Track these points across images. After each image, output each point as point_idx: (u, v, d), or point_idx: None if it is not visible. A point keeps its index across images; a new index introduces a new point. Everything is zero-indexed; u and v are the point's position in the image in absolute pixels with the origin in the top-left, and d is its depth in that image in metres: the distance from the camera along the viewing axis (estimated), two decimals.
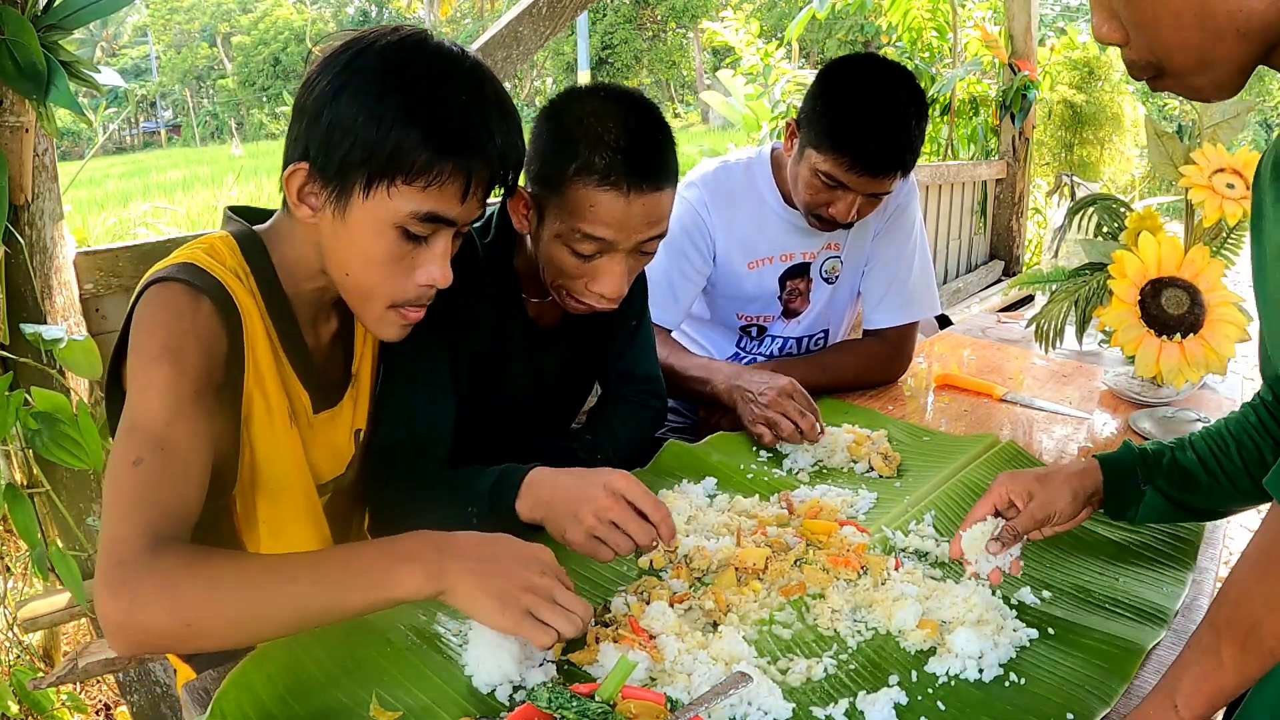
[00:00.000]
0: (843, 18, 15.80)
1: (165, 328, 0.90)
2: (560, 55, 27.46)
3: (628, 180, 1.12)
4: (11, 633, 1.87)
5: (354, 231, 0.94)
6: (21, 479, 1.66)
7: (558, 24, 2.36)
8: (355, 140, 0.89)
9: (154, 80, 33.71)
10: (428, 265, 0.97)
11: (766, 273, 1.77)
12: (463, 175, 0.92)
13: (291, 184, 0.94)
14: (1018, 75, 5.04)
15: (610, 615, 0.99)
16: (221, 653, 1.13)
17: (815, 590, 1.05)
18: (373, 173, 0.90)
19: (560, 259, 1.18)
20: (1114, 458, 1.09)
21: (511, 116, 0.97)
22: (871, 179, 1.53)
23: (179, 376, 0.88)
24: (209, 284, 0.94)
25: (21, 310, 1.59)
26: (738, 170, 1.77)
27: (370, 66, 0.90)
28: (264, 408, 1.02)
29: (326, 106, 0.90)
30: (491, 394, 1.31)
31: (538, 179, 1.17)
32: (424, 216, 0.93)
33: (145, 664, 1.74)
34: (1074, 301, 1.67)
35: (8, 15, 1.40)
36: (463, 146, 0.91)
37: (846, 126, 1.50)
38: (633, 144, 1.13)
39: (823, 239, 1.77)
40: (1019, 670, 0.92)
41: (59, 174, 1.65)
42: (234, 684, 0.85)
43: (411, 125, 0.89)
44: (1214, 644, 0.78)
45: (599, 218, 1.13)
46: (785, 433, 1.43)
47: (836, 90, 1.55)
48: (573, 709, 0.77)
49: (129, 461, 0.83)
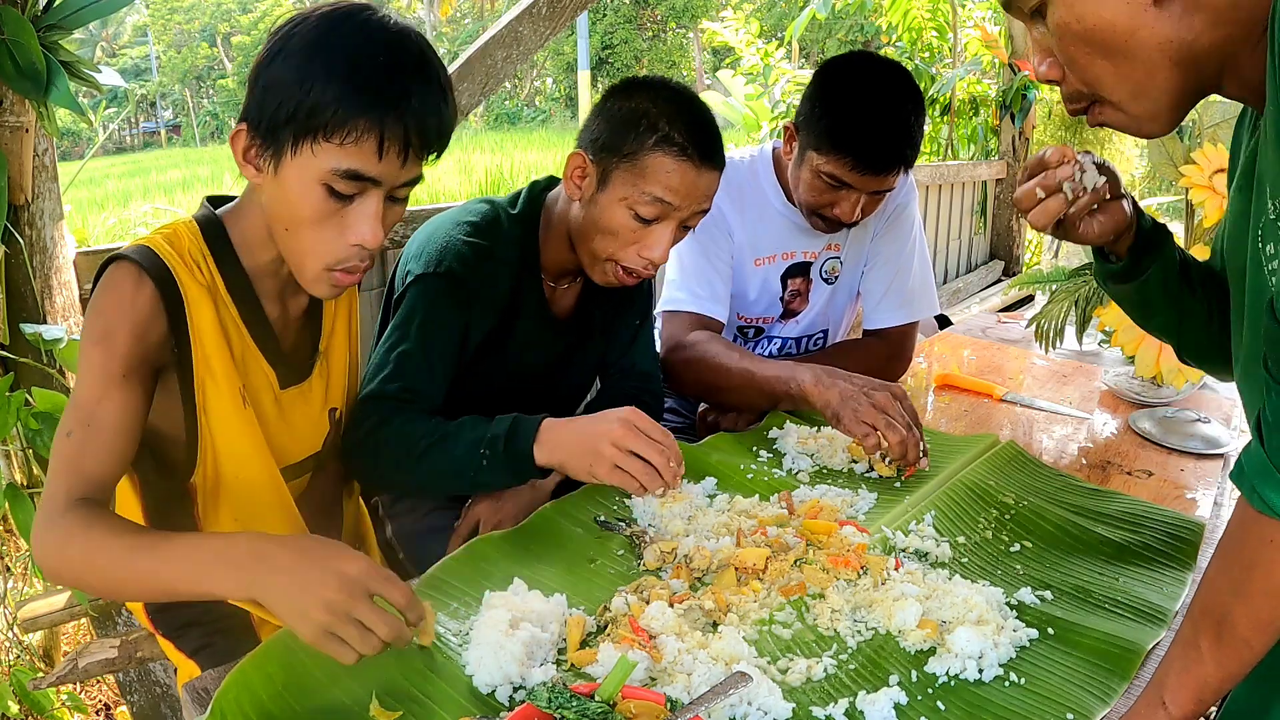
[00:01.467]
0: (843, 18, 15.78)
1: (104, 312, 0.99)
2: (560, 55, 27.44)
3: (700, 155, 1.26)
4: (11, 633, 1.87)
5: (286, 189, 0.98)
6: (21, 479, 1.66)
7: (558, 24, 2.36)
8: (283, 100, 0.94)
9: (154, 80, 33.70)
10: (357, 225, 1.00)
11: (770, 271, 1.78)
12: (375, 131, 0.95)
13: (236, 146, 1.00)
14: (1018, 75, 5.05)
15: (610, 615, 0.99)
16: (221, 653, 1.15)
17: (815, 590, 1.05)
18: (298, 130, 0.95)
19: (618, 221, 1.28)
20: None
21: (434, 80, 0.99)
22: (875, 177, 1.53)
23: (109, 358, 0.97)
24: (156, 268, 1.00)
25: (21, 310, 1.59)
26: (743, 167, 1.78)
27: (304, 32, 0.96)
28: (216, 391, 1.06)
29: (264, 70, 0.97)
30: (495, 369, 1.36)
31: (607, 148, 1.28)
32: (344, 174, 0.96)
33: (145, 664, 1.73)
34: (1074, 301, 1.67)
35: (8, 15, 1.40)
36: (375, 104, 0.94)
37: (847, 126, 1.51)
38: (704, 127, 1.28)
39: (823, 239, 1.77)
40: (1019, 670, 0.92)
41: (59, 174, 1.65)
42: (234, 684, 0.85)
43: (329, 83, 0.93)
44: (1193, 637, 0.78)
45: (671, 183, 1.25)
46: (893, 442, 1.29)
47: (834, 90, 1.56)
48: (573, 709, 0.77)
49: (64, 433, 0.96)
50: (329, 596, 0.81)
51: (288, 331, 1.15)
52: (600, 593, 1.05)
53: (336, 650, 0.82)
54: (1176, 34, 0.73)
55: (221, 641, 1.20)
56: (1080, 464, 1.47)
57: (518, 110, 27.54)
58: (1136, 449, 1.53)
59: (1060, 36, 0.79)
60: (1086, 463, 1.47)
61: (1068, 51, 0.80)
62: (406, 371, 1.24)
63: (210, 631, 1.21)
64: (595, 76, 23.89)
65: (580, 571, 1.09)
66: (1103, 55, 0.77)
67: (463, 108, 2.29)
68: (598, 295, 1.45)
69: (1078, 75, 0.81)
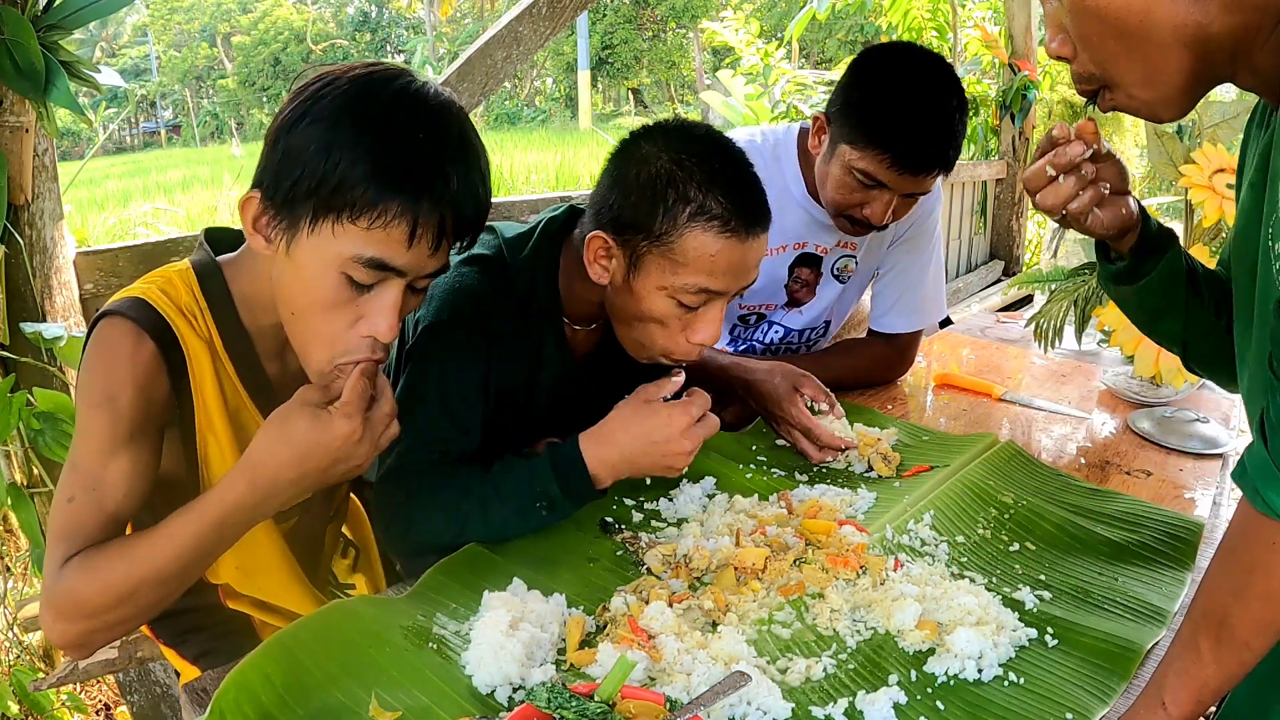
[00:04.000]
0: (843, 18, 15.78)
1: (103, 374, 0.93)
2: (560, 55, 27.44)
3: (746, 224, 1.08)
4: (11, 633, 1.87)
5: (299, 269, 0.89)
6: (22, 479, 1.66)
7: (558, 24, 2.36)
8: (304, 170, 0.85)
9: (154, 80, 33.69)
10: (373, 317, 0.91)
11: (778, 261, 1.72)
12: (409, 217, 0.86)
13: (246, 213, 0.92)
14: (1018, 75, 5.04)
15: (609, 615, 0.99)
16: (221, 654, 1.15)
17: (814, 590, 1.05)
18: (318, 206, 0.86)
19: (660, 310, 1.11)
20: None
21: (475, 160, 0.92)
22: (913, 177, 1.42)
23: (114, 422, 0.92)
24: (155, 324, 0.95)
25: (21, 310, 1.59)
26: (766, 151, 1.66)
27: (332, 97, 0.87)
28: (217, 449, 1.03)
29: (284, 135, 0.88)
30: (517, 421, 1.26)
31: (631, 227, 1.09)
32: (368, 262, 0.87)
33: (145, 664, 1.73)
34: (1073, 301, 1.68)
35: (8, 15, 1.41)
36: (410, 185, 0.85)
37: (888, 120, 1.39)
38: (744, 184, 1.10)
39: (836, 236, 1.69)
40: (1018, 670, 0.92)
41: (59, 174, 1.65)
42: (233, 684, 0.85)
43: (359, 158, 0.84)
44: (1192, 637, 0.78)
45: (716, 266, 1.07)
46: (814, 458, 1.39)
47: (874, 81, 1.43)
48: (572, 709, 0.77)
49: (65, 499, 0.91)
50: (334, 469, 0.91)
51: (286, 390, 1.07)
52: (600, 593, 1.05)
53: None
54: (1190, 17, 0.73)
55: (223, 646, 1.19)
56: (1079, 464, 1.47)
57: (518, 110, 27.53)
58: (1135, 449, 1.53)
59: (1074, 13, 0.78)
60: (1085, 462, 1.47)
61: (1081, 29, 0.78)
62: (431, 437, 1.14)
63: (212, 637, 1.21)
64: (595, 76, 23.88)
65: (580, 572, 1.09)
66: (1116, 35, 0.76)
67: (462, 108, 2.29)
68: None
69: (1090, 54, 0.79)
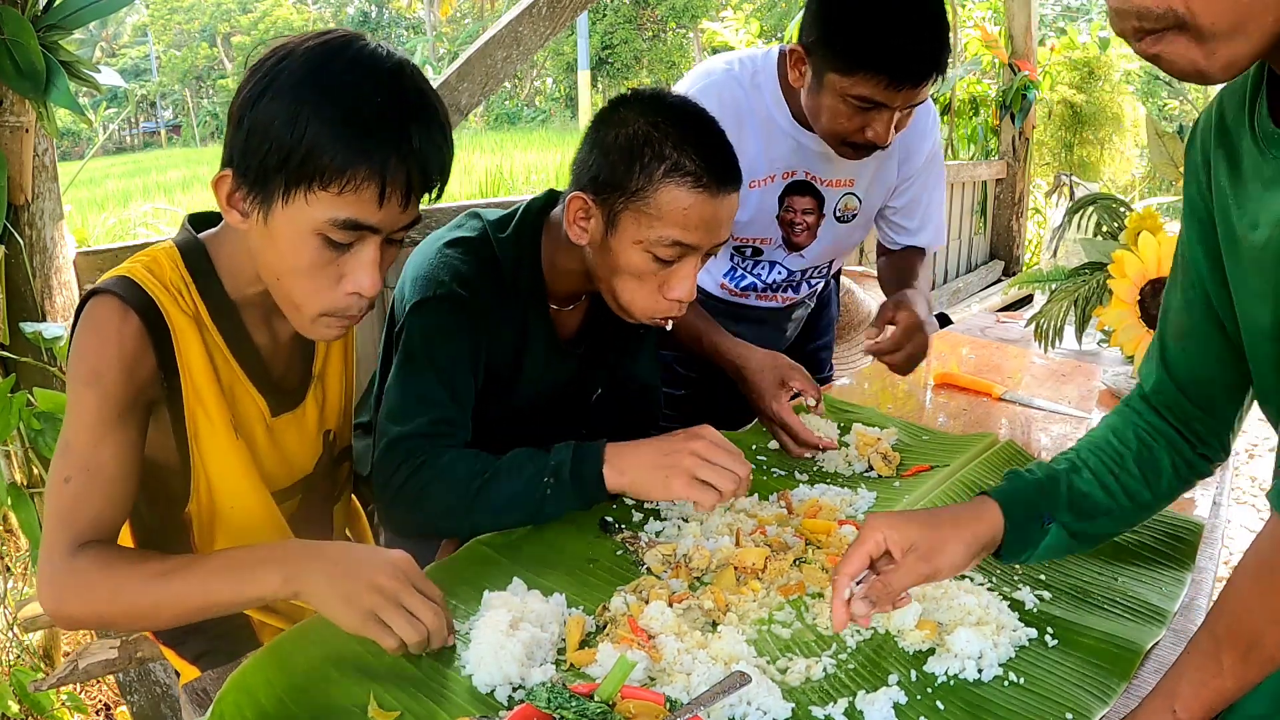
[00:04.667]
0: None
1: (92, 351, 0.95)
2: (560, 55, 27.44)
3: (718, 180, 1.12)
4: (11, 633, 1.87)
5: (277, 239, 0.92)
6: (22, 479, 1.66)
7: (558, 24, 2.36)
8: (271, 144, 0.88)
9: (154, 80, 33.69)
10: (354, 274, 0.94)
11: (767, 192, 1.65)
12: (377, 178, 0.89)
13: (220, 191, 0.94)
14: (1018, 75, 5.05)
15: (609, 615, 0.99)
16: (221, 654, 1.15)
17: (814, 590, 1.05)
18: (289, 177, 0.88)
19: (636, 265, 1.15)
20: (1009, 493, 0.95)
21: (435, 118, 0.94)
22: (912, 89, 1.37)
23: (102, 400, 0.94)
24: (140, 300, 0.96)
25: (21, 310, 1.60)
26: (744, 80, 1.60)
27: (291, 70, 0.89)
28: (207, 422, 1.03)
29: (248, 112, 0.89)
30: (503, 400, 1.29)
31: (609, 185, 1.14)
32: (342, 224, 0.90)
33: (145, 664, 1.74)
34: (1073, 301, 1.68)
35: (8, 15, 1.41)
36: (376, 148, 0.88)
37: (876, 41, 1.34)
38: (716, 143, 1.14)
39: (832, 162, 1.63)
40: (1018, 670, 0.92)
41: (59, 174, 1.65)
42: (234, 685, 0.85)
43: (323, 127, 0.87)
44: (1214, 650, 0.77)
45: (689, 220, 1.12)
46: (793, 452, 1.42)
47: (849, 4, 1.38)
48: (572, 709, 0.77)
49: (61, 478, 0.93)
50: (378, 581, 0.85)
51: (277, 358, 1.11)
52: (600, 593, 1.05)
53: (379, 634, 0.86)
54: None
55: (223, 646, 1.19)
56: None
57: (518, 110, 27.55)
58: None
59: None
60: None
61: None
62: (429, 404, 1.16)
63: (212, 637, 1.21)
64: (595, 76, 23.88)
65: (580, 572, 1.09)
66: None
67: (463, 108, 2.29)
68: (606, 313, 1.34)
69: None
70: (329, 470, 1.24)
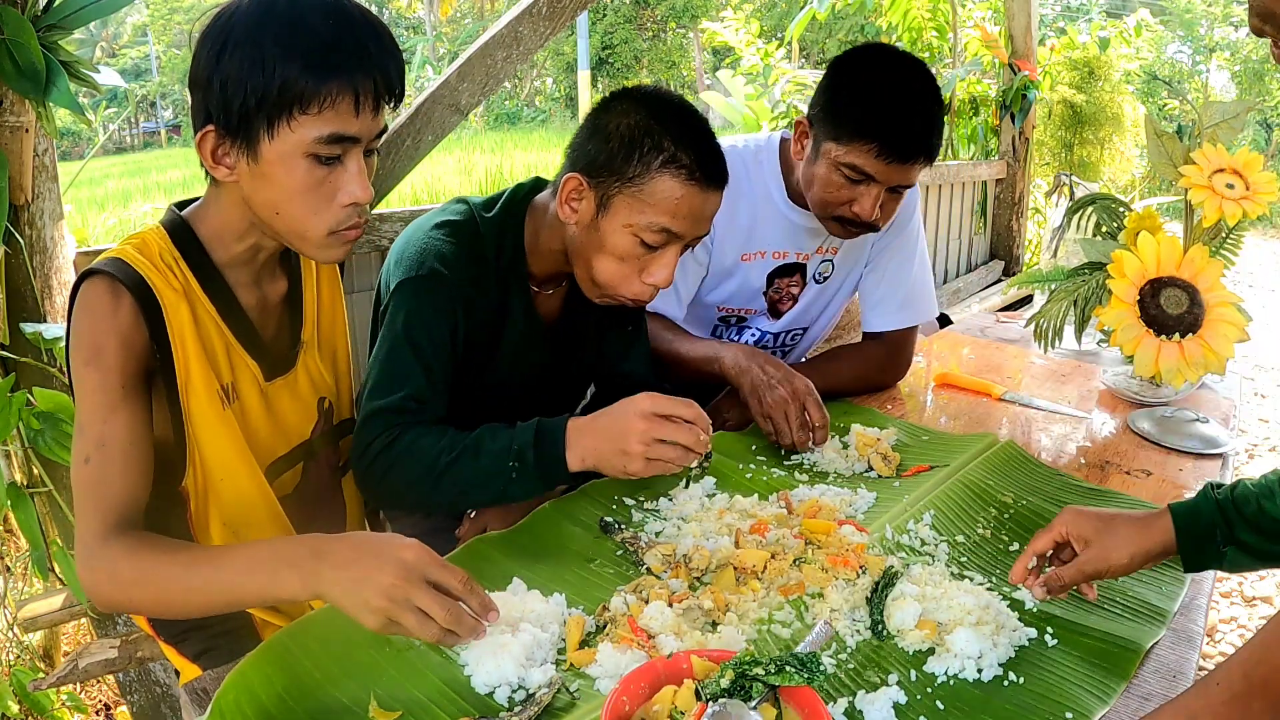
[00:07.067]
0: (843, 18, 15.78)
1: (89, 331, 0.99)
2: (560, 55, 27.42)
3: (708, 176, 1.20)
4: (11, 633, 1.87)
5: (271, 172, 0.99)
6: (22, 479, 1.66)
7: (558, 24, 2.36)
8: (246, 89, 0.95)
9: (154, 80, 33.68)
10: (347, 186, 1.01)
11: (756, 267, 1.73)
12: (349, 90, 0.96)
13: (204, 149, 1.00)
14: (1018, 75, 5.04)
15: (609, 615, 0.99)
16: (224, 656, 1.15)
17: (814, 589, 1.05)
18: (270, 114, 0.95)
19: (622, 248, 1.22)
20: (1190, 511, 0.99)
21: (379, 29, 1.02)
22: (900, 165, 1.45)
23: (105, 375, 0.98)
24: (131, 278, 1.00)
25: (21, 310, 1.60)
26: (747, 157, 1.70)
27: (242, 23, 0.96)
28: (197, 398, 1.07)
29: (214, 70, 0.96)
30: (481, 377, 1.33)
31: (606, 170, 1.20)
32: (328, 139, 0.97)
33: (145, 664, 1.74)
34: (1073, 301, 1.67)
35: (8, 15, 1.41)
36: (341, 64, 0.96)
37: (872, 111, 1.44)
38: (710, 144, 1.22)
39: (818, 240, 1.72)
40: (1018, 670, 0.92)
41: (59, 174, 1.65)
42: (233, 684, 0.86)
43: (290, 60, 0.94)
44: (1245, 694, 0.76)
45: (680, 210, 1.19)
46: (784, 443, 1.43)
47: (854, 77, 1.49)
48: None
49: (81, 460, 0.97)
50: (388, 583, 0.85)
51: (267, 321, 1.16)
52: (599, 593, 1.05)
53: (402, 632, 0.86)
54: None
55: (224, 644, 1.20)
56: (1079, 463, 1.47)
57: (518, 110, 27.53)
58: (1135, 448, 1.53)
59: None
60: (1085, 462, 1.48)
61: None
62: (404, 380, 1.19)
63: (212, 635, 1.21)
64: (595, 76, 23.86)
65: (580, 572, 1.09)
66: None
67: (463, 108, 2.29)
68: (585, 299, 1.37)
69: None
70: (330, 439, 1.27)
